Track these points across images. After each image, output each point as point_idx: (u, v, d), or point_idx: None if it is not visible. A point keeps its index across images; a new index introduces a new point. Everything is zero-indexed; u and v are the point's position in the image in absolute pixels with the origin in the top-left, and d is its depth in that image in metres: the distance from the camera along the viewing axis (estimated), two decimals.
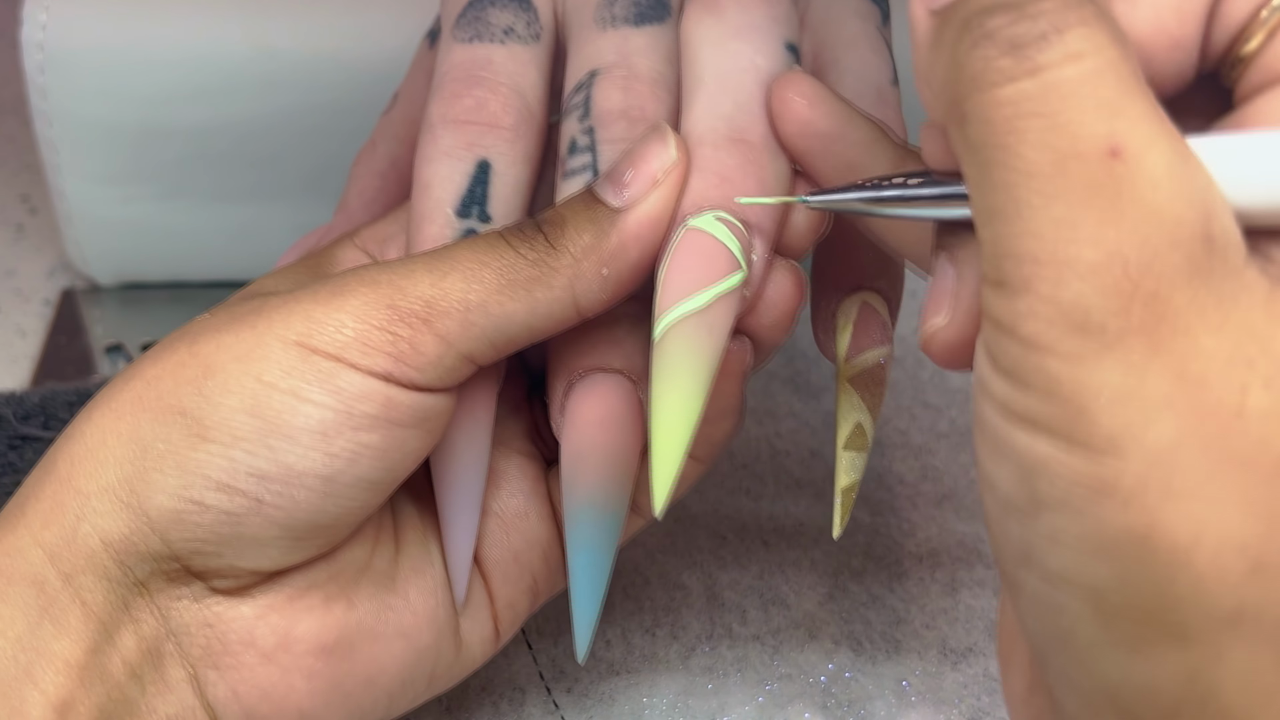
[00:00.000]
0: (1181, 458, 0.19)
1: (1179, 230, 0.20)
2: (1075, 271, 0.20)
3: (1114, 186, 0.20)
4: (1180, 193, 0.20)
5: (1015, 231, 0.20)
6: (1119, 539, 0.20)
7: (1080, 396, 0.20)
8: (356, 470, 0.27)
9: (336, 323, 0.27)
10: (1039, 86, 0.20)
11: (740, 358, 0.30)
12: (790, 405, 0.47)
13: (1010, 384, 0.21)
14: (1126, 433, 0.19)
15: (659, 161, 0.28)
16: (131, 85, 0.45)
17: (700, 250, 0.28)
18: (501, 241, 0.28)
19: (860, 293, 0.32)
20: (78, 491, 0.27)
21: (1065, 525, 0.20)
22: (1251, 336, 0.19)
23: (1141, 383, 0.19)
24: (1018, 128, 0.20)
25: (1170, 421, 0.19)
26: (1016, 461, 0.21)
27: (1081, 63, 0.20)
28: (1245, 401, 0.19)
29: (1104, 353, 0.20)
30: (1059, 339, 0.20)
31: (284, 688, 0.28)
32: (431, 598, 0.30)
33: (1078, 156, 0.20)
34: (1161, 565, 0.19)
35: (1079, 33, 0.20)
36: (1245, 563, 0.19)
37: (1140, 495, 0.19)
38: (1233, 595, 0.19)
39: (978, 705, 0.37)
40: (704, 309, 0.27)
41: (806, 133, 0.29)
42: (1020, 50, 0.20)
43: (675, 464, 0.27)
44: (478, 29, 0.32)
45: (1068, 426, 0.20)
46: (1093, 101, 0.20)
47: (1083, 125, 0.20)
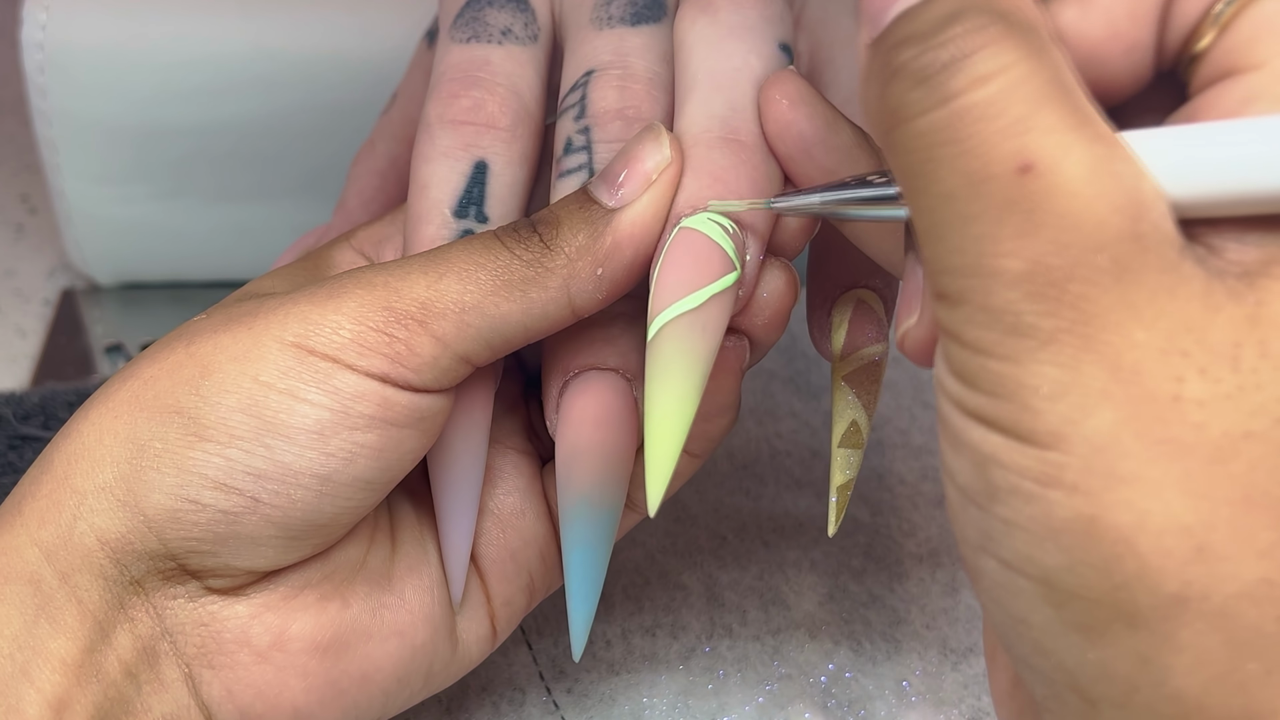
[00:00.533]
0: (1121, 446, 0.20)
1: (1101, 233, 0.20)
2: (1001, 282, 0.20)
3: (1027, 201, 0.20)
4: (1101, 196, 0.20)
5: (945, 249, 0.21)
6: (1067, 526, 0.20)
7: (1021, 393, 0.20)
8: (353, 470, 0.27)
9: (333, 324, 0.27)
10: (948, 115, 0.21)
11: (737, 355, 0.30)
12: (790, 405, 0.47)
13: (961, 384, 0.22)
14: (1066, 424, 0.20)
15: (653, 161, 0.28)
16: (131, 85, 0.45)
17: (694, 250, 0.28)
18: (496, 242, 0.28)
19: (855, 290, 0.32)
20: (74, 490, 0.27)
21: (1017, 513, 0.21)
22: (1186, 328, 0.20)
23: (1076, 377, 0.20)
24: (934, 157, 0.21)
25: (1108, 411, 0.20)
26: (972, 453, 0.22)
27: (988, 85, 0.21)
28: (1181, 390, 0.20)
29: (1038, 351, 0.20)
30: (996, 342, 0.21)
31: (278, 686, 0.28)
32: (428, 596, 0.30)
33: (990, 177, 0.21)
34: (1108, 550, 0.20)
35: (984, 55, 0.21)
36: (1188, 546, 0.19)
37: (1084, 483, 0.20)
38: (1177, 578, 0.20)
39: (978, 705, 0.36)
40: (698, 308, 0.27)
41: (787, 134, 0.29)
42: (928, 82, 0.21)
43: (669, 463, 0.27)
44: (475, 29, 0.32)
45: (1013, 421, 0.21)
46: (1000, 122, 0.21)
47: (991, 147, 0.21)
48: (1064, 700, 0.22)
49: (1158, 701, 0.20)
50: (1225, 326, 0.20)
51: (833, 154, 0.29)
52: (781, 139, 0.29)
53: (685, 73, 0.30)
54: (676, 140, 0.29)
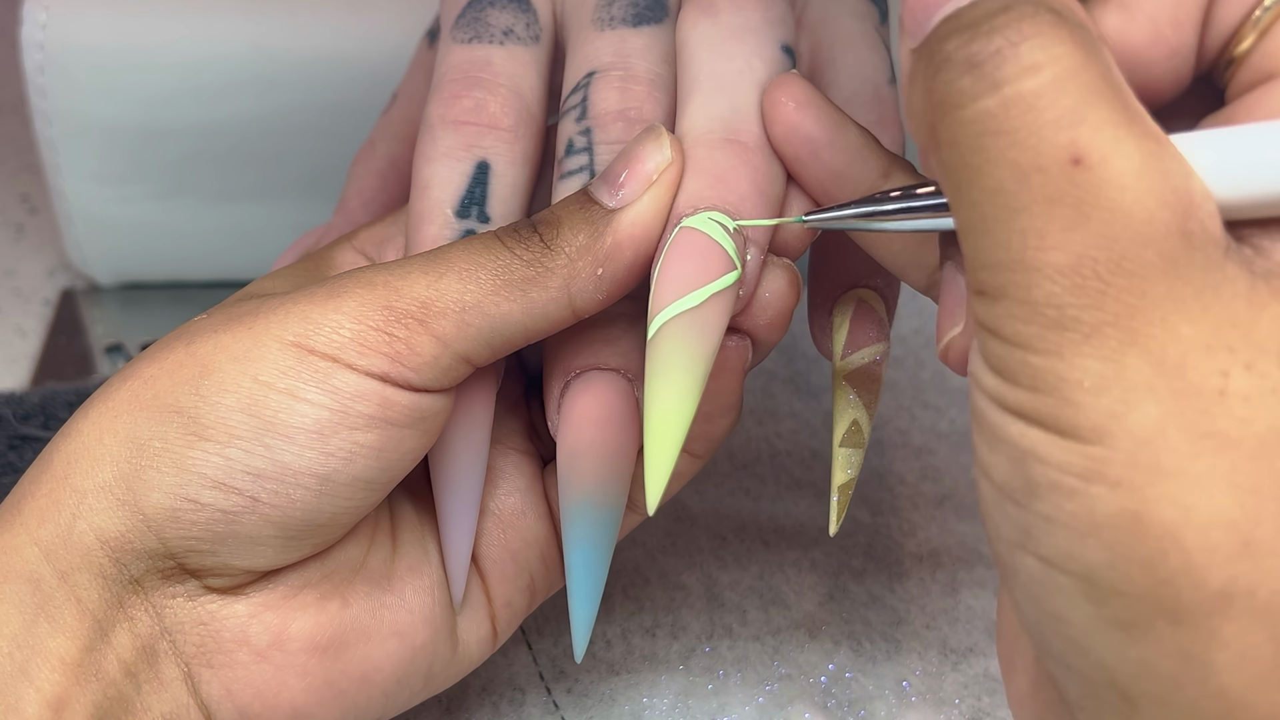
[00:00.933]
0: (1166, 440, 0.20)
1: (1150, 228, 0.20)
2: (1045, 275, 0.20)
3: (1076, 194, 0.20)
4: (1151, 192, 0.20)
5: (987, 244, 0.21)
6: (1110, 521, 0.20)
7: (1064, 388, 0.20)
8: (352, 470, 0.27)
9: (333, 324, 0.27)
10: (999, 103, 0.21)
11: (739, 355, 0.30)
12: (790, 405, 0.47)
13: (1000, 379, 0.21)
14: (1110, 419, 0.20)
15: (654, 162, 0.28)
16: (131, 85, 0.45)
17: (694, 249, 0.28)
18: (497, 242, 0.28)
19: (857, 290, 0.32)
20: (74, 489, 0.27)
21: (1058, 509, 0.21)
22: (1232, 324, 0.20)
23: (1121, 370, 0.20)
24: (983, 146, 0.21)
25: (1152, 405, 0.20)
26: (1010, 449, 0.21)
27: (1039, 74, 0.21)
28: (1226, 384, 0.20)
29: (1081, 344, 0.20)
30: (1038, 336, 0.21)
31: (277, 686, 0.28)
32: (428, 596, 0.30)
33: (1039, 169, 0.20)
34: (1152, 545, 0.20)
35: (1035, 43, 0.21)
36: (1234, 541, 0.19)
37: (1128, 478, 0.20)
38: (1223, 573, 0.19)
39: (978, 705, 0.36)
40: (698, 307, 0.27)
41: (794, 137, 0.29)
42: (978, 69, 0.21)
43: (668, 462, 0.27)
44: (477, 30, 0.32)
45: (1055, 416, 0.20)
46: (1052, 113, 0.20)
47: (1043, 138, 0.20)
48: (1102, 699, 0.21)
49: (1201, 699, 0.20)
50: (1270, 324, 0.20)
51: (840, 155, 0.29)
52: (788, 142, 0.29)
53: (687, 74, 0.30)
54: (677, 141, 0.29)
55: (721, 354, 0.29)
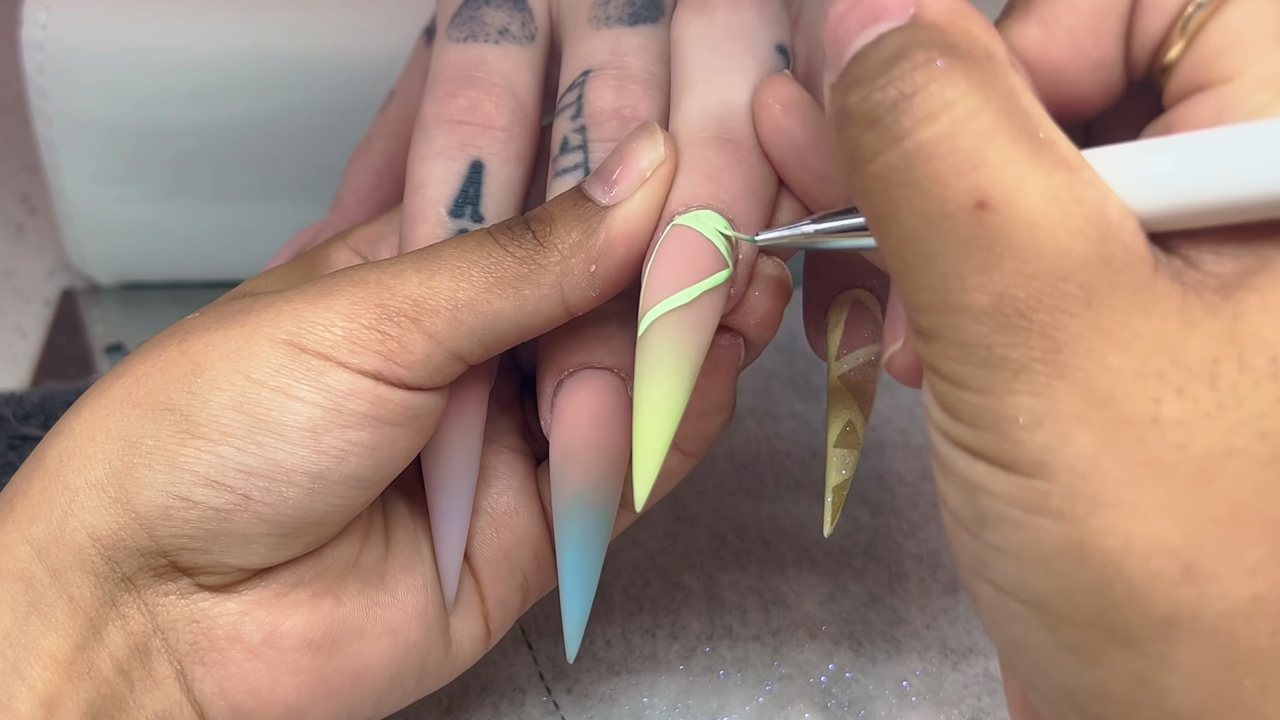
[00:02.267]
0: (1102, 471, 0.20)
1: (1065, 261, 0.20)
2: (970, 316, 0.21)
3: (987, 236, 0.20)
4: (1061, 225, 0.20)
5: (914, 288, 0.21)
6: (1055, 551, 0.20)
7: (1000, 424, 0.21)
8: (345, 468, 0.27)
9: (326, 322, 0.27)
10: (900, 156, 0.21)
11: (732, 354, 0.30)
12: (790, 405, 0.47)
13: (945, 414, 0.22)
14: (1047, 452, 0.20)
15: (647, 159, 0.28)
16: (131, 85, 0.45)
17: (686, 246, 0.27)
18: (490, 239, 0.28)
19: (852, 291, 0.32)
20: (66, 487, 0.27)
21: (1006, 539, 0.21)
22: (1162, 347, 0.20)
23: (1052, 405, 0.20)
24: (892, 199, 0.21)
25: (1086, 437, 0.20)
26: (960, 481, 0.22)
27: (936, 122, 0.21)
28: (1159, 411, 0.20)
29: (1012, 381, 0.20)
30: (972, 376, 0.21)
31: (270, 683, 0.28)
32: (421, 595, 0.30)
33: (947, 216, 0.21)
34: (1097, 574, 0.20)
35: (929, 91, 0.21)
36: (1176, 567, 0.19)
37: (1069, 509, 0.20)
38: (1167, 599, 0.19)
39: (978, 705, 0.36)
40: (689, 305, 0.27)
41: (779, 140, 0.29)
42: (878, 123, 0.21)
43: (656, 459, 0.27)
44: (472, 29, 0.32)
45: (996, 451, 0.21)
46: (952, 160, 0.21)
47: (946, 186, 0.21)
48: (1067, 718, 0.22)
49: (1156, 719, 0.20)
50: (1202, 343, 0.20)
51: (826, 159, 0.29)
52: (774, 144, 0.29)
53: (681, 73, 0.30)
54: (671, 139, 0.29)
55: (714, 353, 0.29)
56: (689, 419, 0.30)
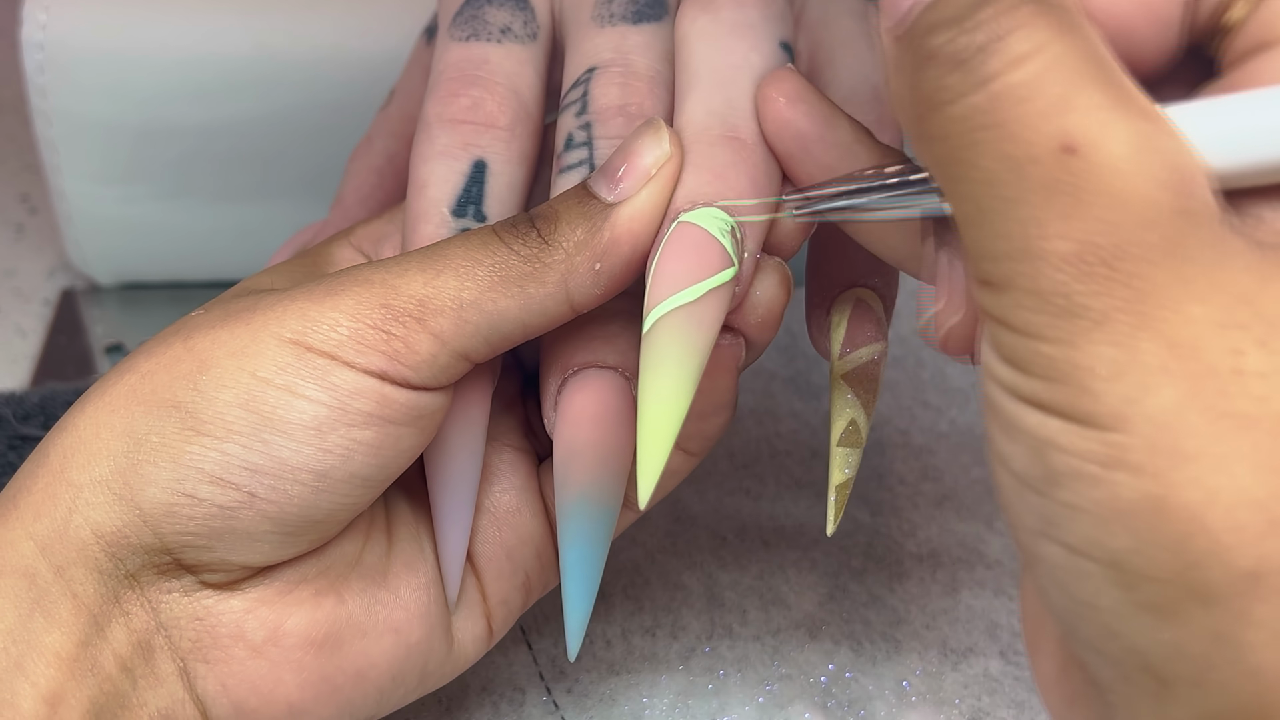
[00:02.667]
0: (1185, 422, 0.19)
1: (1149, 211, 0.20)
2: (1050, 264, 0.20)
3: (1072, 182, 0.20)
4: (1147, 173, 0.20)
5: (988, 235, 0.21)
6: (1134, 507, 0.20)
7: (1078, 376, 0.20)
8: (350, 466, 0.27)
9: (331, 321, 0.27)
10: (987, 98, 0.21)
11: (733, 354, 0.30)
12: (790, 405, 0.47)
13: (1013, 370, 0.21)
14: (1127, 405, 0.20)
15: (652, 156, 0.28)
16: (131, 85, 0.45)
17: (692, 244, 0.27)
18: (494, 238, 0.28)
19: (854, 289, 0.32)
20: (70, 483, 0.27)
21: (1081, 496, 0.21)
22: (1241, 300, 0.20)
23: (1134, 356, 0.20)
24: (974, 141, 0.21)
25: (1168, 389, 0.20)
26: (1028, 439, 0.21)
27: (1025, 66, 0.21)
28: (1242, 363, 0.19)
29: (1093, 332, 0.20)
30: (1048, 325, 0.20)
31: (272, 681, 0.28)
32: (423, 593, 0.30)
33: (1033, 160, 0.20)
34: (1178, 529, 0.19)
35: (1019, 35, 0.21)
36: (1260, 520, 0.19)
37: (1150, 463, 0.20)
38: (1251, 553, 0.19)
39: (978, 705, 0.36)
40: (694, 302, 0.27)
41: (785, 133, 0.29)
42: (964, 65, 0.21)
43: (661, 457, 0.26)
44: (474, 28, 0.32)
45: (1072, 405, 0.20)
46: (1040, 103, 0.20)
47: (1033, 129, 0.20)
48: (1135, 681, 0.21)
49: (1235, 678, 0.20)
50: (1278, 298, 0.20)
51: (832, 151, 0.29)
52: (779, 137, 0.29)
53: (686, 70, 0.30)
54: (676, 136, 0.29)
55: (716, 352, 0.29)
56: (690, 418, 0.30)
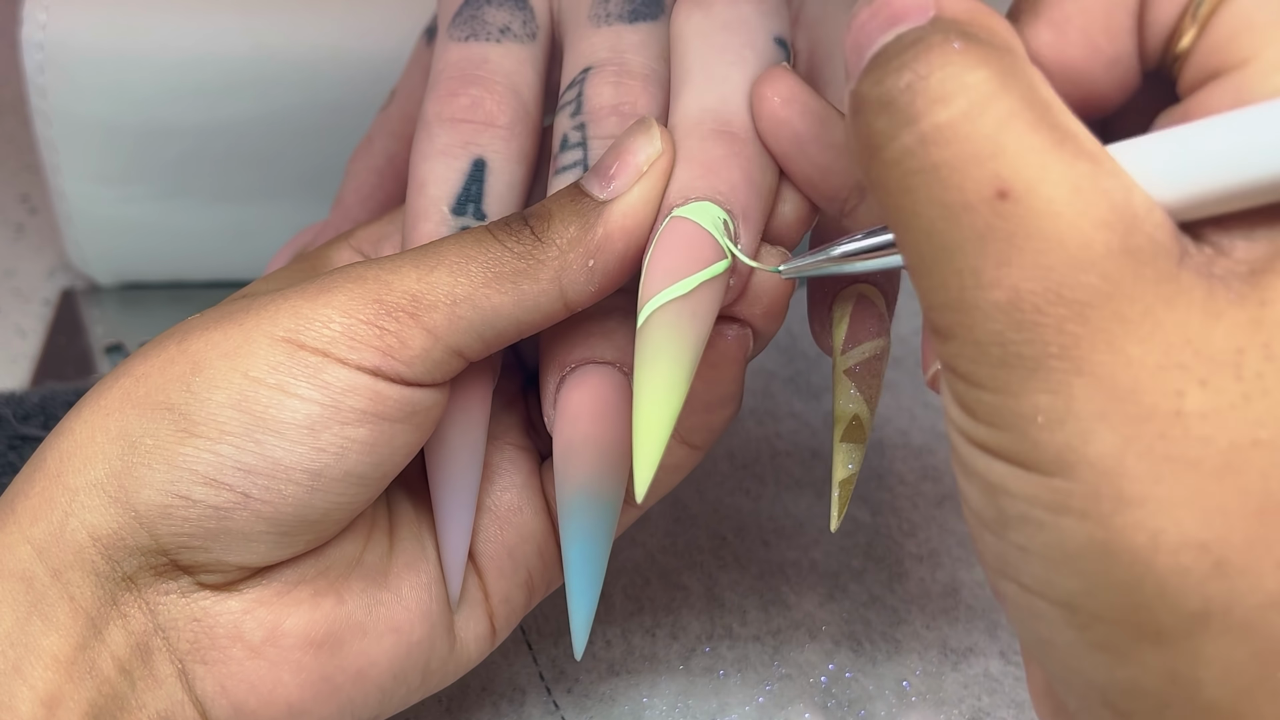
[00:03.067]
0: (1126, 467, 0.19)
1: (1087, 252, 0.20)
2: (984, 313, 0.20)
3: (1006, 228, 0.20)
4: (1085, 214, 0.20)
5: (930, 284, 0.21)
6: (1082, 551, 0.20)
7: (1019, 423, 0.20)
8: (344, 465, 0.27)
9: (323, 318, 0.27)
10: (915, 140, 0.21)
11: (740, 345, 0.30)
12: (791, 406, 0.47)
13: (964, 414, 0.21)
14: (1068, 451, 0.20)
15: (644, 153, 0.28)
16: (131, 85, 0.45)
17: (685, 238, 0.27)
18: (488, 235, 0.28)
19: (856, 285, 0.32)
20: (66, 487, 0.27)
21: (1031, 539, 0.21)
22: (1185, 339, 0.19)
23: (1070, 402, 0.20)
24: (909, 187, 0.21)
25: (1108, 434, 0.19)
26: (981, 481, 0.21)
27: (951, 105, 0.20)
28: (1182, 405, 0.19)
29: (1028, 380, 0.20)
30: (988, 375, 0.20)
31: (271, 682, 0.28)
32: (425, 593, 0.30)
33: (966, 207, 0.20)
34: (1125, 572, 0.20)
35: (945, 74, 0.20)
36: (1206, 562, 0.19)
37: (1094, 508, 0.20)
38: (1198, 594, 0.19)
39: (978, 705, 0.36)
40: (688, 295, 0.27)
41: (780, 132, 0.29)
42: (890, 106, 0.21)
43: (656, 450, 0.26)
44: (474, 28, 0.32)
45: (1016, 451, 0.20)
46: (970, 145, 0.20)
47: (965, 173, 0.20)
48: (1098, 715, 0.21)
49: (1191, 714, 0.20)
50: (1227, 333, 0.19)
51: (828, 151, 0.29)
52: (775, 137, 0.29)
53: (680, 66, 0.30)
54: (668, 132, 0.29)
55: (723, 344, 0.29)
56: (696, 411, 0.30)
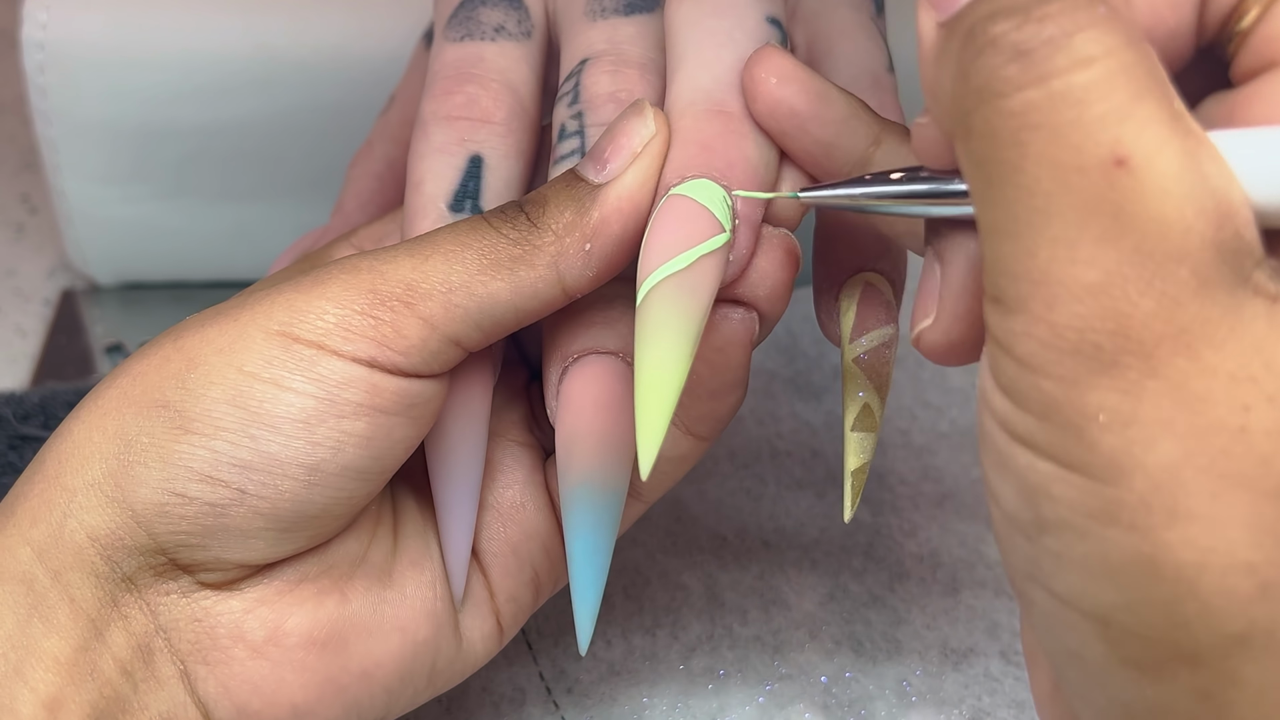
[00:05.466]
0: (1184, 480, 0.19)
1: (1186, 240, 0.19)
2: (1071, 293, 0.19)
3: (1116, 200, 0.19)
4: (1191, 198, 0.19)
5: (1012, 249, 0.20)
6: (1125, 563, 0.19)
7: (1077, 420, 0.19)
8: (341, 459, 0.27)
9: (318, 310, 0.27)
10: (1046, 95, 0.20)
11: (746, 328, 0.29)
12: (791, 405, 0.47)
13: (1010, 402, 0.20)
14: (1126, 457, 0.19)
15: (638, 136, 0.28)
16: (131, 85, 0.45)
17: (681, 214, 0.27)
18: (483, 223, 0.28)
19: (863, 274, 0.31)
20: (64, 488, 0.27)
21: (1069, 547, 0.20)
22: (1256, 350, 0.19)
23: (1139, 405, 0.19)
24: (1022, 140, 0.20)
25: (1171, 444, 0.19)
26: (1018, 481, 0.21)
27: (1091, 68, 0.19)
28: (1248, 420, 0.19)
29: (1100, 375, 0.19)
30: (1054, 361, 0.20)
31: (274, 682, 0.28)
32: (429, 591, 0.30)
33: (1080, 170, 0.19)
34: (1169, 589, 0.19)
35: (1090, 35, 0.20)
36: (1253, 584, 0.19)
37: (1144, 520, 0.19)
38: (1242, 616, 0.19)
39: (979, 705, 0.36)
40: (686, 269, 0.27)
41: (778, 112, 0.28)
42: (1027, 57, 0.20)
43: (660, 427, 0.26)
44: (469, 28, 0.33)
45: (1066, 450, 0.20)
46: (1100, 109, 0.19)
47: (1087, 136, 0.19)
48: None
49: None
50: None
51: (828, 127, 0.28)
52: (773, 116, 0.28)
53: (674, 52, 0.30)
54: (662, 114, 0.29)
55: (728, 327, 0.29)
56: (701, 399, 0.30)
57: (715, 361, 0.29)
